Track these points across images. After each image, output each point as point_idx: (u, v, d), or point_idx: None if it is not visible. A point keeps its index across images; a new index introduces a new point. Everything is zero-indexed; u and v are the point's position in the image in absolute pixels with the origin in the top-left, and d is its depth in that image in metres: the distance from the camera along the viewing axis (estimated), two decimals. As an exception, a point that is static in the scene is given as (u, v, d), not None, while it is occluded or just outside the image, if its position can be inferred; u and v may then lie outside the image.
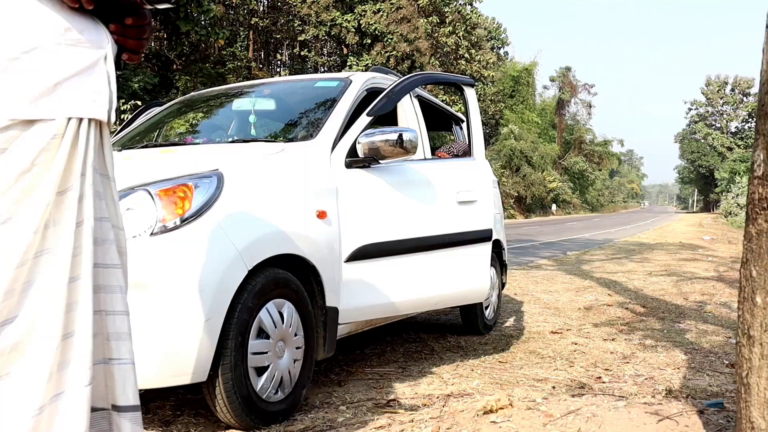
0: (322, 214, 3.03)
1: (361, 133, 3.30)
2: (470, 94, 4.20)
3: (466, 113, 4.24)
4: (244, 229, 2.61)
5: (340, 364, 3.92)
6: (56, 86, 1.26)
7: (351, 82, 3.73)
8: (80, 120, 1.29)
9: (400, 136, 3.21)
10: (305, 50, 28.93)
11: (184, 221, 2.44)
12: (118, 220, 1.43)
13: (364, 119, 3.38)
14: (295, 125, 3.58)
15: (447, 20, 31.39)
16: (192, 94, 4.42)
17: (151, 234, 2.40)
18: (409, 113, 4.33)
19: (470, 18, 33.62)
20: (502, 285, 5.53)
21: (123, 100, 17.57)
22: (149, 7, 1.28)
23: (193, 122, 4.01)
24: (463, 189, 3.87)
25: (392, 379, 3.59)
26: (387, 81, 4.19)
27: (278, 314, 2.75)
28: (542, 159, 44.77)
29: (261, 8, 31.03)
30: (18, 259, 1.20)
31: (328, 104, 3.54)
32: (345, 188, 3.19)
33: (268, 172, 2.86)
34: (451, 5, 32.19)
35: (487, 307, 5.02)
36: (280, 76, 32.50)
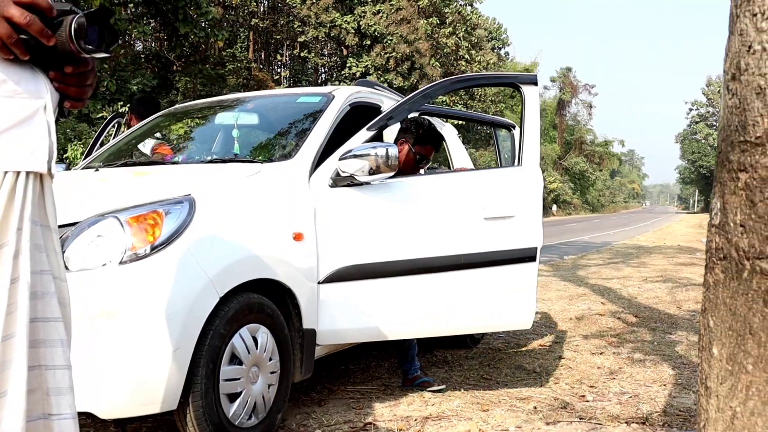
0: (298, 236, 3.00)
1: (348, 151, 3.18)
2: (529, 93, 3.65)
3: (522, 114, 3.67)
4: (215, 255, 2.59)
5: (322, 381, 3.89)
6: None
7: (333, 97, 3.68)
8: (17, 173, 1.26)
9: (378, 153, 3.09)
10: (305, 51, 28.88)
11: (155, 249, 2.42)
12: (60, 271, 1.39)
13: (363, 134, 3.27)
14: (275, 143, 3.54)
15: (447, 21, 31.33)
16: (177, 106, 4.39)
17: (120, 262, 2.37)
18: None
19: (470, 19, 33.56)
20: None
21: (121, 102, 17.54)
22: (85, 56, 1.25)
23: (175, 137, 3.95)
24: (493, 204, 3.43)
25: (373, 399, 3.56)
26: (372, 95, 4.16)
27: (252, 339, 2.72)
28: (543, 160, 44.62)
29: (261, 9, 31.01)
30: None
31: (309, 122, 3.50)
32: (325, 208, 3.12)
33: (242, 195, 2.83)
34: (451, 6, 32.12)
35: (474, 321, 4.97)
36: (280, 77, 32.50)
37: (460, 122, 33.27)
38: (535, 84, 3.67)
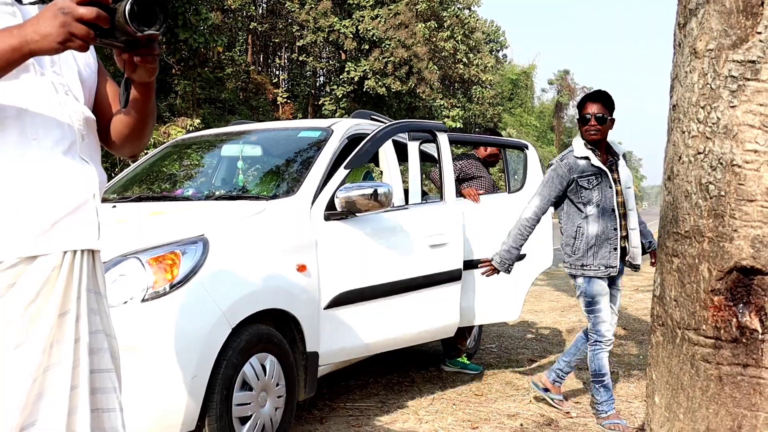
0: (302, 268, 3.26)
1: (339, 187, 3.52)
2: (443, 139, 4.39)
3: (438, 157, 4.41)
4: (227, 289, 2.85)
5: (323, 398, 4.14)
6: (54, 225, 1.49)
7: (332, 132, 3.95)
8: (75, 252, 1.53)
9: (375, 191, 3.45)
10: (303, 55, 29.09)
11: (173, 287, 2.68)
12: (111, 330, 1.67)
13: (341, 172, 3.60)
14: (278, 179, 3.80)
15: (445, 25, 31.53)
16: (184, 137, 4.64)
17: (142, 300, 2.63)
18: (390, 157, 4.52)
19: (468, 22, 33.77)
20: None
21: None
22: (140, 35, 1.38)
23: (182, 172, 4.21)
24: (434, 233, 4.09)
25: (371, 416, 3.82)
26: (370, 126, 4.42)
27: (261, 367, 2.98)
28: (540, 162, 44.84)
29: (260, 12, 31.21)
30: (32, 376, 1.45)
31: (310, 157, 3.77)
32: (323, 240, 3.42)
33: (250, 232, 3.09)
34: (449, 10, 32.32)
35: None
36: (278, 80, 32.71)
37: (458, 125, 33.53)
38: (446, 131, 4.43)
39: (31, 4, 1.55)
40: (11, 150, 1.45)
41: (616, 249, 3.65)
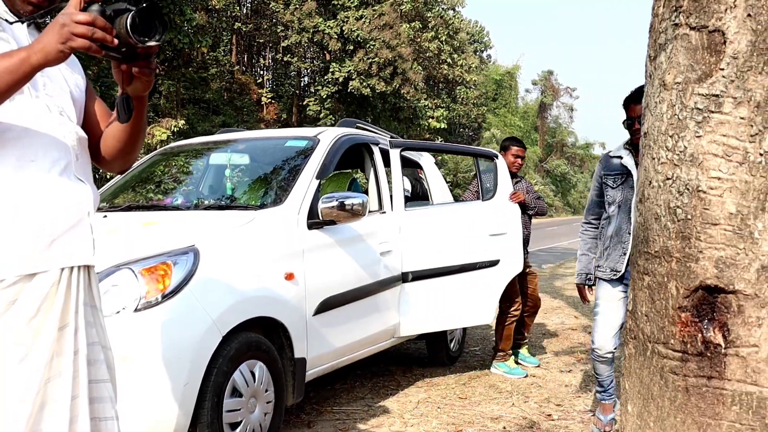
0: (289, 276, 3.34)
1: (318, 199, 3.63)
2: (393, 154, 4.54)
3: (375, 171, 4.57)
4: (217, 299, 2.92)
5: (311, 402, 4.22)
6: (52, 243, 1.56)
7: (319, 141, 4.03)
8: (72, 268, 1.60)
9: (354, 203, 3.58)
10: (288, 55, 29.08)
11: (165, 297, 2.74)
12: (106, 341, 1.75)
13: (313, 183, 3.70)
14: (266, 189, 3.88)
15: (429, 25, 31.67)
16: (172, 145, 4.69)
17: (135, 310, 2.69)
18: (380, 161, 4.61)
19: (452, 23, 33.95)
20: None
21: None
22: (142, 46, 1.46)
23: (171, 180, 4.27)
24: (384, 240, 4.29)
25: (357, 419, 3.90)
26: (355, 132, 4.51)
27: (250, 374, 3.05)
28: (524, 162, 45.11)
29: (244, 12, 31.16)
30: (35, 388, 1.52)
31: (297, 166, 3.85)
32: (309, 248, 3.51)
33: (239, 242, 3.17)
34: (433, 10, 32.46)
35: (451, 340, 5.33)
36: (263, 80, 32.67)
37: (442, 126, 33.61)
38: (398, 147, 4.59)
39: (18, 22, 1.61)
40: (10, 172, 1.52)
41: (625, 254, 3.46)
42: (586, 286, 3.82)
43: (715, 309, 1.47)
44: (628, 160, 3.52)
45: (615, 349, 3.61)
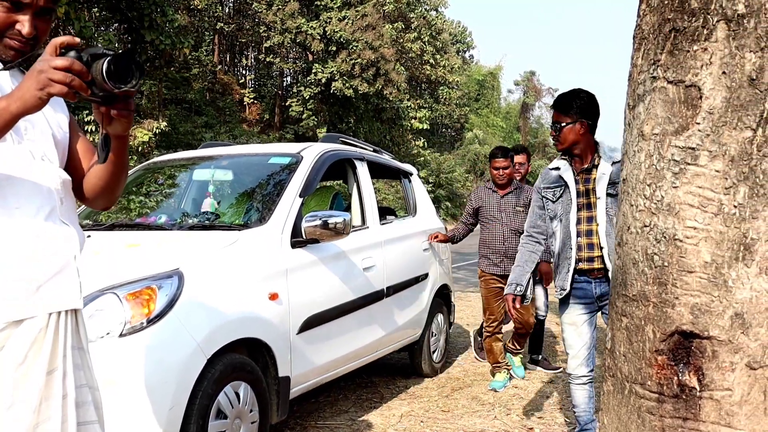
0: (273, 296, 3.36)
1: (302, 217, 3.68)
2: (362, 169, 4.63)
3: (358, 186, 4.65)
4: (202, 322, 2.93)
5: (295, 417, 4.24)
6: (39, 288, 1.57)
7: (302, 158, 4.05)
8: (59, 312, 1.61)
9: (337, 221, 3.62)
10: (271, 56, 29.00)
11: (150, 321, 2.75)
12: (94, 382, 1.76)
13: (297, 201, 3.73)
14: (249, 207, 3.89)
15: (412, 26, 31.72)
16: (155, 160, 4.68)
17: (120, 335, 2.70)
18: (363, 177, 4.64)
19: (435, 23, 34.01)
20: (450, 324, 5.89)
21: (87, 112, 17.50)
22: (117, 92, 1.47)
23: (156, 196, 4.26)
24: (367, 256, 4.36)
25: (341, 435, 3.93)
26: (339, 147, 4.54)
27: (234, 395, 3.07)
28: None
29: (227, 10, 31.02)
30: None
31: (280, 183, 3.87)
32: (292, 268, 3.53)
33: (223, 264, 3.18)
34: (416, 11, 32.52)
35: (434, 351, 5.38)
36: (245, 79, 32.55)
37: (425, 126, 33.65)
38: (364, 160, 4.74)
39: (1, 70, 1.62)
40: None
41: (569, 271, 3.27)
42: (517, 297, 3.50)
43: (690, 353, 1.52)
44: (566, 173, 3.33)
45: (591, 372, 3.39)
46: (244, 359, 3.15)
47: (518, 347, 5.34)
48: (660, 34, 1.51)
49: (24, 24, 1.58)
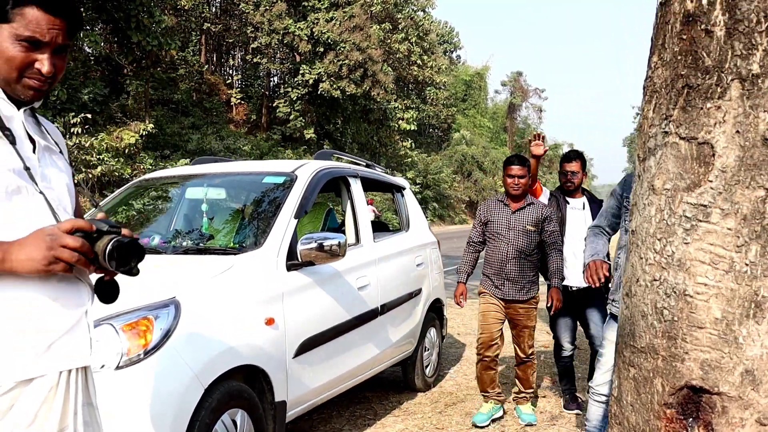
0: (270, 321, 3.34)
1: (297, 239, 3.64)
2: (356, 186, 4.62)
3: (352, 204, 4.62)
4: (199, 351, 2.90)
5: (289, 436, 4.22)
6: (50, 347, 1.54)
7: (296, 177, 4.02)
8: (70, 370, 1.58)
9: (332, 244, 3.59)
10: (258, 57, 28.87)
11: (147, 353, 2.72)
12: None
13: (292, 223, 3.70)
14: (244, 229, 3.86)
15: (400, 26, 31.72)
16: (147, 177, 4.63)
17: (117, 367, 2.66)
18: (357, 194, 4.62)
19: (422, 24, 34.03)
20: (442, 338, 5.89)
21: (73, 113, 17.36)
22: (114, 271, 1.59)
23: (148, 215, 4.22)
24: (362, 275, 4.36)
25: (337, 456, 3.91)
26: (334, 166, 4.52)
27: (232, 422, 3.04)
28: (493, 164, 45.52)
29: (213, 11, 30.84)
30: None
31: (275, 204, 3.83)
32: (288, 291, 3.51)
33: (219, 292, 3.15)
34: (403, 12, 32.52)
35: (427, 366, 5.37)
36: (232, 80, 32.37)
37: (412, 127, 33.62)
38: (357, 177, 4.74)
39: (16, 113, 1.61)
40: (8, 277, 1.50)
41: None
42: (603, 263, 3.23)
43: (699, 408, 1.51)
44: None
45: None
46: (241, 386, 3.13)
47: (524, 388, 4.74)
48: (673, 90, 1.50)
49: (44, 63, 1.57)
